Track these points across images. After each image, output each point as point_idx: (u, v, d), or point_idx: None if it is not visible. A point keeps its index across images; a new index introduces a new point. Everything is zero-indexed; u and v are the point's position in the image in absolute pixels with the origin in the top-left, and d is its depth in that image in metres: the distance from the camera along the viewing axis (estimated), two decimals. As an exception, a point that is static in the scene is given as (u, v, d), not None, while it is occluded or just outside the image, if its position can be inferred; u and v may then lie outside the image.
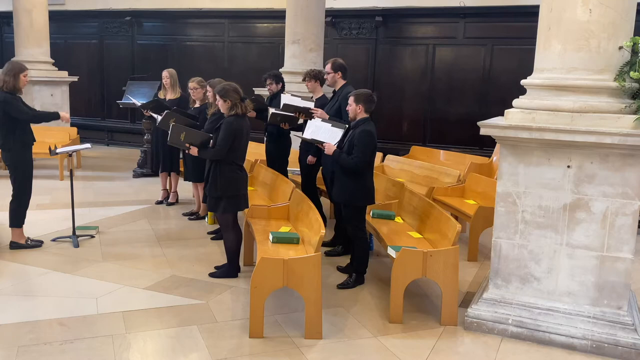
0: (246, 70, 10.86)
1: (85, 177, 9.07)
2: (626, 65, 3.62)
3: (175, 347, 3.76)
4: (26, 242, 5.57)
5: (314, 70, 6.21)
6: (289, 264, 3.82)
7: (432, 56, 9.77)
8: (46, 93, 10.03)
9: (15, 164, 5.39)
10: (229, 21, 11.40)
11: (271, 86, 6.53)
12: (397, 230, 5.10)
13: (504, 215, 4.04)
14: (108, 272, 5.01)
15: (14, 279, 4.84)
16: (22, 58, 9.29)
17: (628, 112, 3.61)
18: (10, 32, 11.39)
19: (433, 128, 9.84)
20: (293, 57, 8.54)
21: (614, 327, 3.78)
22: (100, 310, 4.25)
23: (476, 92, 9.48)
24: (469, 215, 5.71)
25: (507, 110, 3.97)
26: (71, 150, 6.13)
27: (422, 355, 3.75)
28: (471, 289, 4.86)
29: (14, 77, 5.30)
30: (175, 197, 7.47)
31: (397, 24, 9.98)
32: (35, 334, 3.85)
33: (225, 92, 4.67)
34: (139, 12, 12.02)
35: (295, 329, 4.02)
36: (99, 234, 6.06)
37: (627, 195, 3.71)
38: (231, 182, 4.73)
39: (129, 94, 8.68)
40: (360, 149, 4.60)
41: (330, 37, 10.01)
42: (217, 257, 5.39)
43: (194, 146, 4.83)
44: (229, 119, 4.68)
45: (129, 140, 12.20)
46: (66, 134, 9.51)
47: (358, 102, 4.71)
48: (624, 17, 3.64)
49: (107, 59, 12.59)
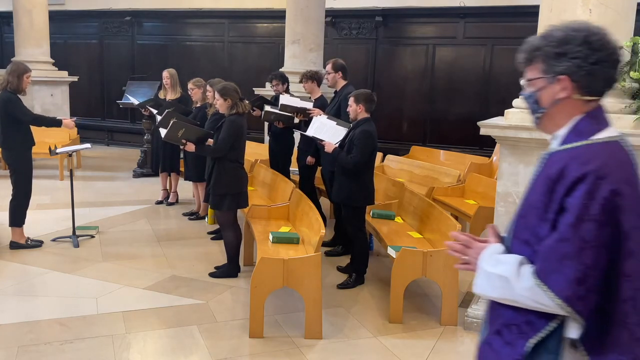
0: (246, 70, 10.86)
1: (85, 177, 9.07)
2: (626, 65, 3.63)
3: (175, 347, 3.76)
4: (26, 242, 5.57)
5: (310, 71, 6.21)
6: (289, 264, 3.82)
7: (432, 56, 9.76)
8: (46, 93, 10.03)
9: (15, 163, 5.39)
10: (229, 21, 11.40)
11: (277, 86, 6.54)
12: (397, 230, 5.10)
13: (504, 215, 4.04)
14: (108, 272, 5.01)
15: (14, 279, 4.84)
16: (22, 58, 9.27)
17: (628, 112, 3.61)
18: (10, 32, 11.39)
19: (433, 128, 9.83)
20: (293, 57, 8.53)
21: (614, 327, 3.77)
22: (100, 310, 4.25)
23: (476, 92, 9.47)
24: (469, 215, 5.71)
25: (507, 110, 3.97)
26: (71, 150, 6.14)
27: (422, 355, 3.75)
28: (471, 289, 4.85)
29: (17, 78, 5.30)
30: (175, 197, 7.46)
31: (397, 24, 9.98)
32: (35, 334, 3.85)
33: (226, 91, 4.71)
34: (139, 12, 12.02)
35: (295, 329, 4.02)
36: (99, 234, 6.06)
37: (627, 195, 3.71)
38: (235, 179, 4.79)
39: (129, 94, 8.68)
40: (359, 149, 4.61)
41: (330, 37, 10.01)
42: (217, 257, 5.39)
43: (191, 142, 4.85)
44: (231, 118, 4.71)
45: (129, 140, 12.19)
46: (66, 134, 9.49)
47: (358, 102, 4.71)
48: (624, 17, 3.64)
49: (107, 59, 12.58)
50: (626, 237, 1.49)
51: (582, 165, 1.51)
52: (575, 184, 1.50)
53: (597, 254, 1.47)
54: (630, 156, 1.59)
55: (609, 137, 1.60)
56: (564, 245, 1.49)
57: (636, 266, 1.50)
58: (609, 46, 1.59)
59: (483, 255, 1.69)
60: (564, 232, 1.49)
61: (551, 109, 1.66)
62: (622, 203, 1.48)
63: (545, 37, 1.63)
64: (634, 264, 1.50)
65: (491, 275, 1.63)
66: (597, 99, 1.63)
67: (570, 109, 1.63)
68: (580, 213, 1.47)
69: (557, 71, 1.60)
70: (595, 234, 1.47)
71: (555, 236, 1.51)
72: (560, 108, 1.64)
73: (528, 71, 1.70)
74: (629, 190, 1.51)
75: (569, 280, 1.47)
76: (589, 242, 1.47)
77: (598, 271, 1.48)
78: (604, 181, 1.48)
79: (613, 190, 1.48)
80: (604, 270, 1.49)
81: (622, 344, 1.53)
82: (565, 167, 1.54)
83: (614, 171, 1.50)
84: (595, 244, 1.47)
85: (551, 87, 1.63)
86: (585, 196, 1.48)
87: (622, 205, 1.48)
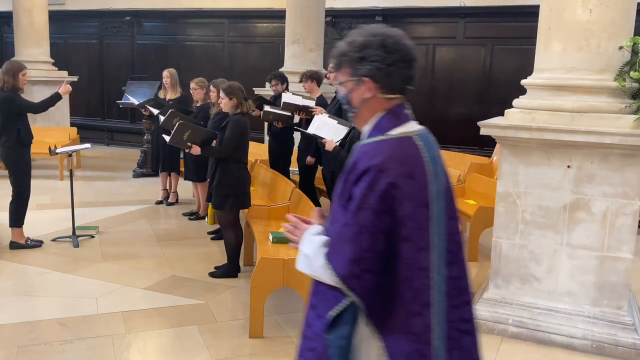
0: (246, 70, 10.86)
1: (85, 177, 9.07)
2: (626, 65, 3.62)
3: (175, 347, 3.76)
4: (26, 242, 5.57)
5: (310, 71, 6.23)
6: (289, 264, 3.82)
7: (432, 56, 9.77)
8: (46, 93, 9.80)
9: (13, 162, 5.39)
10: (229, 21, 11.40)
11: (277, 86, 6.55)
12: (397, 230, 5.08)
13: (504, 215, 4.04)
14: (108, 272, 5.01)
15: (14, 279, 4.83)
16: (22, 58, 9.27)
17: (628, 112, 3.61)
18: (10, 32, 11.39)
19: (433, 128, 9.51)
20: (293, 57, 8.53)
21: (614, 327, 3.78)
22: (100, 310, 4.25)
23: (476, 92, 9.48)
24: (469, 215, 5.71)
25: (507, 110, 3.97)
26: (71, 150, 6.14)
27: (422, 355, 3.74)
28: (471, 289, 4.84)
29: (13, 77, 5.31)
30: (175, 197, 7.46)
31: (397, 24, 9.89)
32: (35, 334, 3.85)
33: (231, 90, 4.73)
34: (139, 12, 12.02)
35: (295, 329, 4.01)
36: (98, 234, 6.06)
37: (627, 195, 3.71)
38: (239, 179, 4.80)
39: (129, 94, 8.68)
40: (359, 148, 4.61)
41: (330, 37, 10.00)
42: (217, 257, 5.39)
43: (196, 144, 4.86)
44: (235, 117, 4.71)
45: (129, 140, 12.19)
46: (66, 134, 9.51)
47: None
48: (624, 17, 3.64)
49: (107, 59, 12.58)
50: (401, 224, 1.66)
51: (369, 160, 1.69)
52: (361, 176, 1.68)
53: (372, 238, 1.64)
54: (419, 150, 1.75)
55: (402, 133, 1.77)
56: (346, 229, 1.67)
57: (411, 250, 1.68)
58: (403, 48, 1.75)
59: (304, 236, 1.84)
60: (348, 218, 1.68)
61: (360, 108, 1.82)
62: (398, 195, 1.65)
63: (349, 42, 1.78)
64: (409, 248, 1.68)
65: (301, 254, 1.80)
66: (398, 97, 1.80)
67: (375, 107, 1.80)
68: (361, 202, 1.65)
69: (361, 74, 1.76)
70: (372, 221, 1.64)
71: (342, 221, 1.70)
72: (367, 107, 1.81)
73: (339, 75, 1.84)
74: (407, 182, 1.68)
75: (346, 260, 1.65)
76: (365, 227, 1.64)
77: (374, 253, 1.65)
78: (384, 175, 1.65)
79: (391, 183, 1.65)
80: (383, 253, 1.66)
81: (400, 320, 1.70)
82: (357, 160, 1.72)
83: (395, 166, 1.67)
84: (371, 230, 1.64)
85: (358, 88, 1.79)
86: (367, 187, 1.65)
87: (398, 197, 1.65)
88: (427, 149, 1.77)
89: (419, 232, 1.69)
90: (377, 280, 1.67)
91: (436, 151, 1.81)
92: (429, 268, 1.70)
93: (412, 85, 1.81)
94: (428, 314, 1.71)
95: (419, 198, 1.70)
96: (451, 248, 1.79)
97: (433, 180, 1.74)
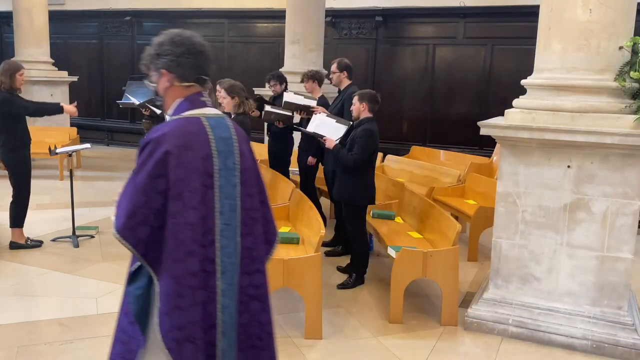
0: (246, 70, 10.85)
1: (85, 177, 9.07)
2: (626, 65, 3.62)
3: (175, 347, 3.75)
4: (26, 242, 5.57)
5: (312, 71, 6.23)
6: (289, 264, 3.82)
7: (432, 56, 9.77)
8: (46, 93, 10.01)
9: (13, 163, 5.39)
10: (229, 21, 11.40)
11: (275, 87, 6.54)
12: (397, 230, 5.09)
13: (504, 215, 4.04)
14: (108, 272, 5.01)
15: (14, 279, 4.83)
16: (22, 58, 9.28)
17: (628, 112, 3.61)
18: (10, 32, 11.39)
19: (433, 128, 9.83)
20: (293, 57, 8.53)
21: (614, 327, 3.78)
22: (100, 310, 4.25)
23: (476, 92, 9.48)
24: (469, 215, 5.71)
25: (507, 110, 3.97)
26: (71, 150, 6.13)
27: (422, 356, 3.75)
28: (471, 289, 4.85)
29: (10, 77, 5.29)
30: (175, 197, 7.44)
31: (397, 24, 9.98)
32: (35, 334, 3.85)
33: (233, 89, 4.75)
34: (139, 12, 12.02)
35: (295, 329, 4.02)
36: (98, 234, 6.06)
37: (627, 195, 3.71)
38: None
39: (129, 94, 8.66)
40: (360, 147, 4.61)
41: (330, 37, 10.01)
42: (217, 257, 5.37)
43: None
44: (239, 118, 4.71)
45: (129, 140, 12.18)
46: (66, 134, 9.51)
47: (362, 101, 4.72)
48: (624, 17, 3.64)
49: (107, 59, 12.58)
50: (173, 186, 1.97)
51: (152, 134, 2.03)
52: (144, 147, 2.02)
53: (147, 196, 1.96)
54: (204, 129, 2.08)
55: (191, 114, 2.10)
56: (126, 190, 2.02)
57: (178, 207, 1.98)
58: (189, 42, 2.10)
59: None
60: (129, 180, 2.02)
61: (165, 96, 2.17)
62: (172, 161, 1.97)
63: (152, 43, 2.14)
64: (177, 205, 1.98)
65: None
66: (194, 85, 2.13)
67: (174, 94, 2.14)
68: (139, 167, 1.99)
69: (159, 67, 2.11)
70: (147, 183, 1.96)
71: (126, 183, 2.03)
72: (169, 94, 2.16)
73: (149, 71, 2.17)
74: (183, 152, 1.99)
75: (123, 215, 1.98)
76: (140, 187, 1.97)
77: (148, 209, 1.96)
78: (160, 145, 1.98)
79: (166, 152, 1.97)
80: (159, 210, 1.97)
81: (166, 265, 1.99)
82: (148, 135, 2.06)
83: (172, 139, 2.00)
84: (145, 189, 1.96)
85: (160, 80, 2.13)
86: (146, 155, 1.99)
87: (172, 163, 1.97)
88: (215, 130, 2.10)
89: (191, 195, 2.00)
90: (151, 233, 1.98)
91: (229, 134, 2.13)
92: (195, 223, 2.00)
93: (206, 75, 2.14)
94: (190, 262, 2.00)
95: (195, 167, 2.01)
96: (247, 221, 2.12)
97: (219, 156, 2.07)
